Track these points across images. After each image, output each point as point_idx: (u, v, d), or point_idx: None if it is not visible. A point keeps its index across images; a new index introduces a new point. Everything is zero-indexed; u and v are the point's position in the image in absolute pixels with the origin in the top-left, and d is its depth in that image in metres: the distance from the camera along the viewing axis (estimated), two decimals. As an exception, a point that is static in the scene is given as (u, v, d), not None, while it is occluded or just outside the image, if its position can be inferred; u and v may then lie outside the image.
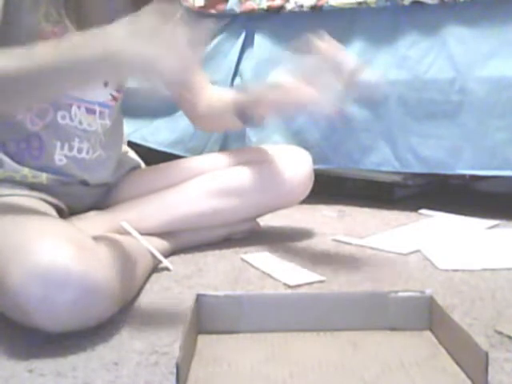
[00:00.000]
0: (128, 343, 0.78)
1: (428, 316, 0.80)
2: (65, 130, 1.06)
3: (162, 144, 1.82)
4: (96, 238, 0.88)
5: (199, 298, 0.79)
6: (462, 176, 1.71)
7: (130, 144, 1.46)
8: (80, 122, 1.08)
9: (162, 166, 1.31)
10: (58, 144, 1.05)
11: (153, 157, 1.44)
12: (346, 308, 0.80)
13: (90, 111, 1.10)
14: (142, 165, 1.35)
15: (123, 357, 0.74)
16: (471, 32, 1.46)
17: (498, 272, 1.07)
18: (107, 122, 1.14)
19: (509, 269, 1.09)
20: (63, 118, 1.05)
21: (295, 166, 1.25)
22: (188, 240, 1.22)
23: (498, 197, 1.80)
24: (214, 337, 0.78)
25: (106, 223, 1.12)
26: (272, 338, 0.78)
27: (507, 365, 0.71)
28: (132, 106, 1.84)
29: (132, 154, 1.37)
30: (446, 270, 1.08)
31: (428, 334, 0.79)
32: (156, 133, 1.84)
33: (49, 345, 0.77)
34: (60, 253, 0.75)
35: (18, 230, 0.82)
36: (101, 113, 1.12)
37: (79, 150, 1.08)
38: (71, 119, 1.06)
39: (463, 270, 1.07)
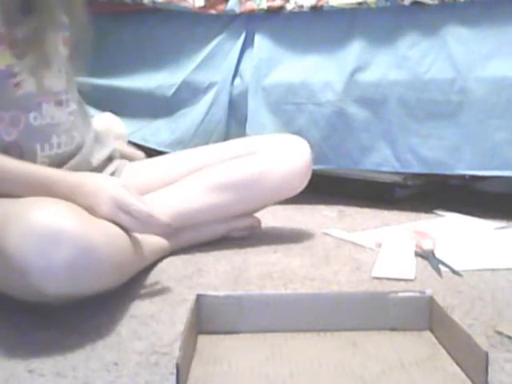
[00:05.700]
0: (128, 343, 0.78)
1: (428, 316, 0.80)
2: (40, 131, 1.04)
3: (162, 144, 1.82)
4: None
5: (199, 298, 0.79)
6: (462, 176, 1.70)
7: (131, 144, 1.46)
8: (52, 118, 1.06)
9: (157, 160, 1.32)
10: (38, 147, 1.03)
11: (153, 157, 1.43)
12: (345, 308, 0.80)
13: (58, 103, 1.08)
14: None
15: (123, 357, 0.74)
16: (471, 32, 1.46)
17: (498, 272, 1.07)
18: (74, 106, 1.13)
19: (509, 269, 1.09)
20: (35, 119, 1.04)
21: (293, 155, 1.24)
22: (188, 238, 1.21)
23: (498, 197, 1.80)
24: (214, 337, 0.78)
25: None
26: (272, 337, 0.78)
27: (507, 365, 0.71)
28: (132, 107, 1.86)
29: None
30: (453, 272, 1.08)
31: (428, 334, 0.79)
32: (156, 133, 1.84)
33: (49, 345, 0.77)
34: (55, 213, 0.76)
35: (15, 201, 0.84)
36: (66, 101, 1.10)
37: (58, 146, 1.07)
38: (43, 117, 1.05)
39: (472, 271, 1.07)
